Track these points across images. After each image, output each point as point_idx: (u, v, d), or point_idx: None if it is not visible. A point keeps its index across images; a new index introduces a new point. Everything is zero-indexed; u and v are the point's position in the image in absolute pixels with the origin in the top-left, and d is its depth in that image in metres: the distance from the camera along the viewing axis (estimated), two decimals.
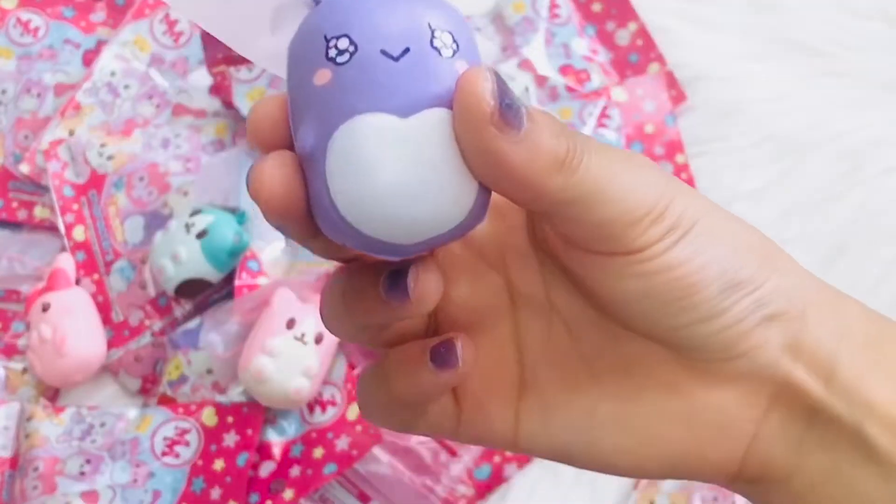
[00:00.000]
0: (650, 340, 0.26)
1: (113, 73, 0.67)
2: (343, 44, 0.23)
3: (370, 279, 0.25)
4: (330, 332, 0.28)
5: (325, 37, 0.23)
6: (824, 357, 0.26)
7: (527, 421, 0.27)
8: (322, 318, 0.27)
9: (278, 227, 0.24)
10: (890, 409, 0.25)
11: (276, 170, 0.23)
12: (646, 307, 0.25)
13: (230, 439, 0.58)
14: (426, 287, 0.25)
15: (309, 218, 0.24)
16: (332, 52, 0.23)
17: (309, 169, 0.23)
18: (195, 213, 0.60)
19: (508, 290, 0.28)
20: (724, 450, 0.26)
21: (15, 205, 0.66)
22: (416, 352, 0.26)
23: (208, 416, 0.59)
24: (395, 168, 0.23)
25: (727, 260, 0.25)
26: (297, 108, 0.24)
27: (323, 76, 0.23)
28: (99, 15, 0.71)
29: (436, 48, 0.23)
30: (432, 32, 0.23)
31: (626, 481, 0.58)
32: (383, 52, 0.23)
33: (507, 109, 0.23)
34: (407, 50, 0.23)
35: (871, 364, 0.26)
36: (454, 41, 0.24)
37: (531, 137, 0.23)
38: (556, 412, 0.27)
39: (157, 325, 0.63)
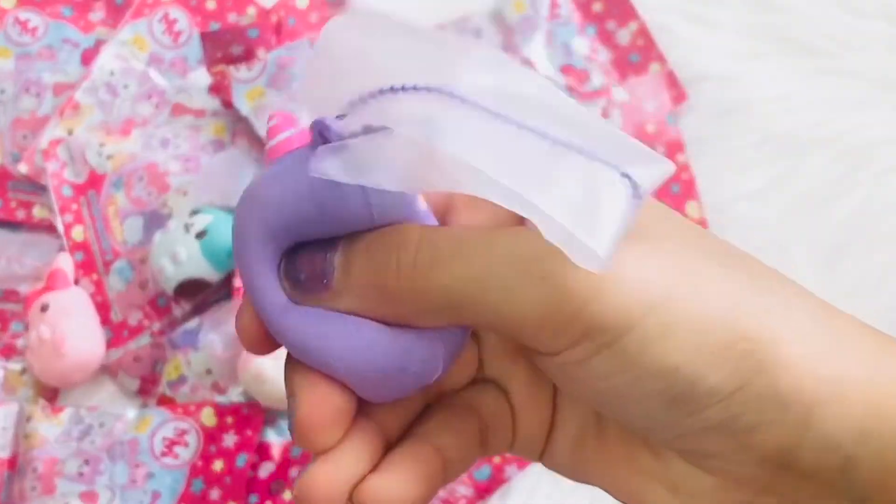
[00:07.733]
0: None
1: (112, 73, 0.67)
2: None
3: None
4: None
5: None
6: (832, 466, 0.22)
7: (550, 454, 0.28)
8: None
9: None
10: None
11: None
12: (599, 402, 0.24)
13: (230, 440, 0.58)
14: None
15: None
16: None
17: None
18: (194, 213, 0.60)
19: None
20: None
21: (13, 205, 0.66)
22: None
23: (208, 417, 0.58)
24: None
25: (672, 374, 0.21)
26: None
27: None
28: (98, 14, 0.70)
29: None
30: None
31: None
32: None
33: (297, 284, 0.24)
34: None
35: None
36: None
37: (347, 282, 0.23)
38: (582, 459, 0.27)
39: (157, 325, 0.62)
